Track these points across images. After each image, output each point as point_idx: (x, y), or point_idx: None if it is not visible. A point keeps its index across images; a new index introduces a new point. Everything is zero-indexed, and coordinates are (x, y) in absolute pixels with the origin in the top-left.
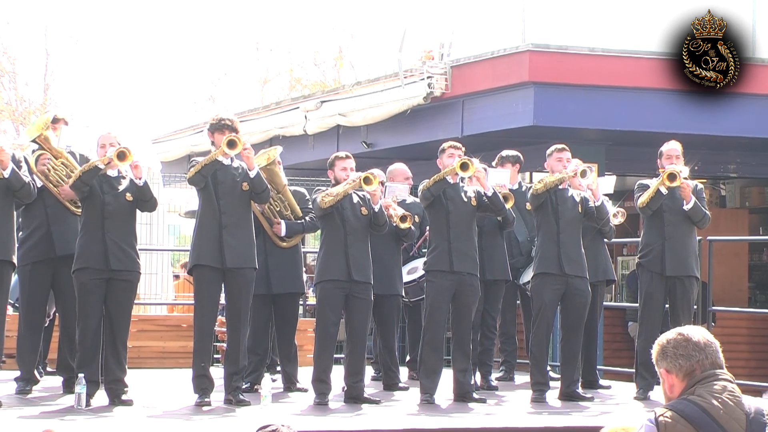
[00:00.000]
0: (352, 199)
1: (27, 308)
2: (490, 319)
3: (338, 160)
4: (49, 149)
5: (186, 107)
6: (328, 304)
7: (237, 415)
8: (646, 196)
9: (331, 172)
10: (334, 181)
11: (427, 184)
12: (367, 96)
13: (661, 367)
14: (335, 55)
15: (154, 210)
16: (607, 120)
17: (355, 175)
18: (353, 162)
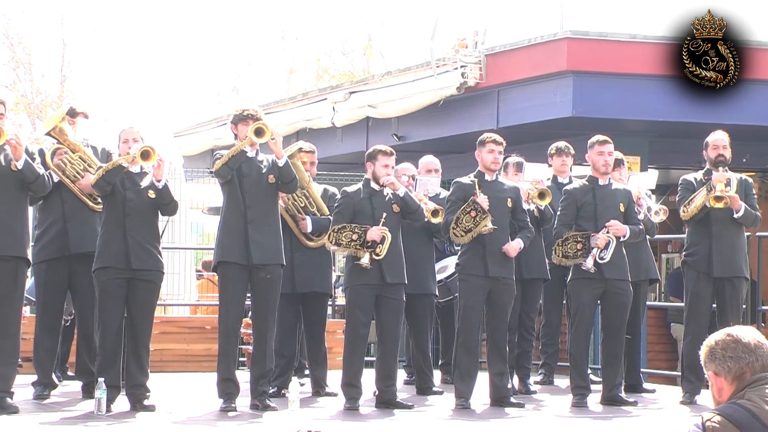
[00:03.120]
0: (383, 196)
1: (43, 309)
2: (528, 319)
3: (381, 155)
4: (65, 142)
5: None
6: (358, 304)
7: (264, 421)
8: (691, 211)
9: (370, 165)
10: (372, 176)
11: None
12: (398, 86)
13: (709, 369)
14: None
15: (174, 214)
16: (650, 110)
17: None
18: (394, 159)
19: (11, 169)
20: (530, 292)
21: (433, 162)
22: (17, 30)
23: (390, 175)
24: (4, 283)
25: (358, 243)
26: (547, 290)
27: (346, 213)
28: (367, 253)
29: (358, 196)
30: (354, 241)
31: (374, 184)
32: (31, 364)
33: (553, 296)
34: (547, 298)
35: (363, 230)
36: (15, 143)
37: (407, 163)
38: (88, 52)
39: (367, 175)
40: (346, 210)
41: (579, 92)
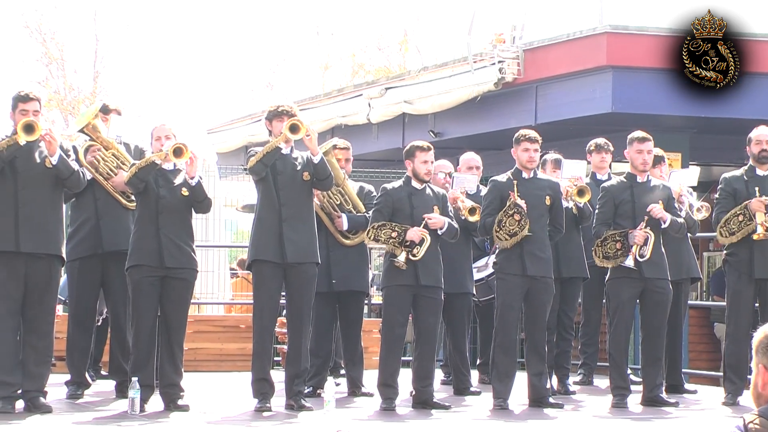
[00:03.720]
0: (424, 195)
1: (76, 307)
2: (567, 319)
3: (419, 150)
4: (98, 139)
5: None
6: (395, 304)
7: (299, 421)
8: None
9: (409, 163)
10: (412, 174)
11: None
12: (435, 82)
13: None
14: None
15: (207, 211)
16: (691, 106)
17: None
18: (433, 154)
19: (45, 166)
20: (569, 291)
21: (474, 159)
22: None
23: (431, 171)
24: (38, 281)
25: (396, 241)
26: (586, 289)
27: (385, 211)
28: (404, 252)
29: (398, 194)
30: (393, 238)
31: (415, 182)
32: (64, 363)
33: (592, 295)
34: (587, 297)
35: (403, 229)
36: (49, 138)
37: (444, 160)
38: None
39: (408, 172)
40: (385, 208)
41: (618, 87)
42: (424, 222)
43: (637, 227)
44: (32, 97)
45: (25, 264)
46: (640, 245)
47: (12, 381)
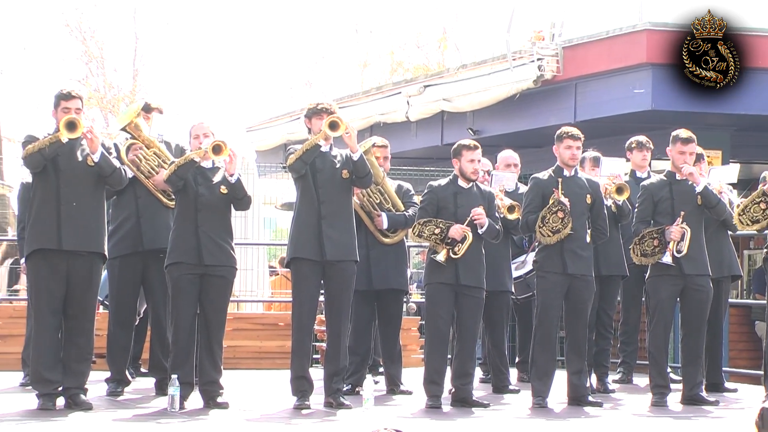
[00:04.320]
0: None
1: (116, 305)
2: (606, 317)
3: (466, 150)
4: (140, 138)
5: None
6: (438, 302)
7: (338, 419)
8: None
9: (456, 162)
10: (459, 172)
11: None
12: (474, 80)
13: None
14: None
15: (247, 209)
16: (732, 103)
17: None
18: (480, 152)
19: (87, 164)
20: (608, 289)
21: (513, 157)
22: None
23: (477, 170)
24: (79, 279)
25: (438, 237)
26: (625, 287)
27: (429, 209)
28: (445, 249)
29: (443, 192)
30: (436, 235)
31: (462, 181)
32: (104, 360)
33: (631, 293)
34: (626, 296)
35: (446, 226)
36: (91, 136)
37: (483, 157)
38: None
39: (455, 171)
40: (429, 206)
41: (658, 85)
42: (469, 219)
43: (674, 223)
44: (74, 95)
45: (66, 262)
46: (677, 241)
47: (53, 378)
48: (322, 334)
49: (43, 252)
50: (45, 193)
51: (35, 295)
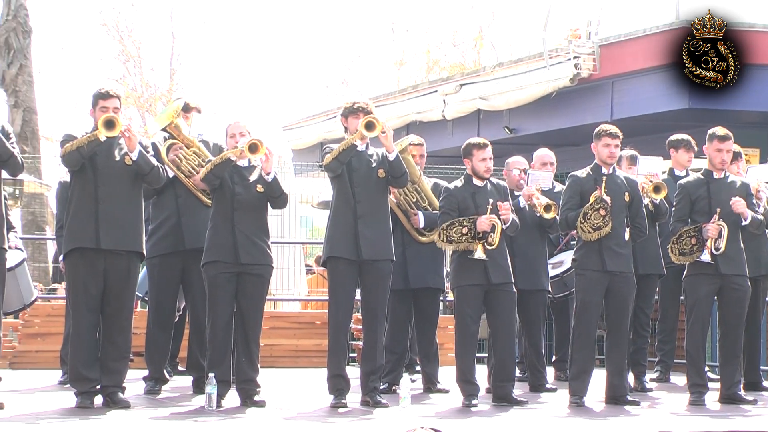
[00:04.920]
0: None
1: (156, 304)
2: (644, 316)
3: (476, 149)
4: (180, 138)
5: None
6: (466, 301)
7: (374, 417)
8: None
9: (468, 161)
10: (472, 171)
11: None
12: (510, 78)
13: None
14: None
15: (284, 207)
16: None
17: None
18: (491, 150)
19: (125, 163)
20: (645, 287)
21: (548, 155)
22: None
23: (490, 168)
24: (117, 277)
25: (469, 236)
26: (663, 286)
27: (452, 213)
28: (480, 245)
29: (461, 194)
30: (465, 235)
31: (476, 180)
32: (142, 359)
33: (669, 292)
34: (664, 294)
35: (472, 221)
36: (129, 134)
37: (519, 156)
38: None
39: (468, 171)
40: (451, 209)
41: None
42: (490, 208)
43: (711, 220)
44: (112, 95)
45: (104, 260)
46: (714, 238)
47: (91, 376)
48: (358, 333)
49: (81, 251)
50: (83, 192)
51: (73, 294)
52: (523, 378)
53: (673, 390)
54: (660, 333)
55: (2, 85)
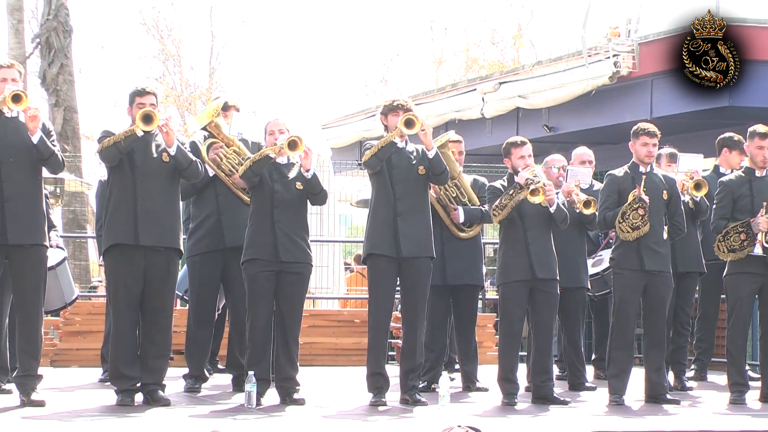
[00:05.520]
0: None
1: (196, 302)
2: (683, 314)
3: (514, 147)
4: (219, 137)
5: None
6: (512, 299)
7: (414, 416)
8: None
9: (507, 161)
10: (512, 169)
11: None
12: (549, 76)
13: None
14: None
15: (323, 203)
16: None
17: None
18: (530, 148)
19: (163, 160)
20: (685, 286)
21: (587, 153)
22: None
23: (529, 165)
24: (156, 275)
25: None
26: (703, 284)
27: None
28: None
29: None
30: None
31: (518, 179)
32: (182, 356)
33: (709, 290)
34: (704, 292)
35: (515, 188)
36: (167, 129)
37: (557, 154)
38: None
39: (509, 170)
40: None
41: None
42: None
43: (757, 215)
44: (149, 92)
45: (144, 257)
46: (765, 231)
47: (131, 374)
48: (397, 331)
49: (120, 248)
50: (121, 189)
51: (113, 292)
52: (563, 376)
53: (713, 389)
54: (698, 331)
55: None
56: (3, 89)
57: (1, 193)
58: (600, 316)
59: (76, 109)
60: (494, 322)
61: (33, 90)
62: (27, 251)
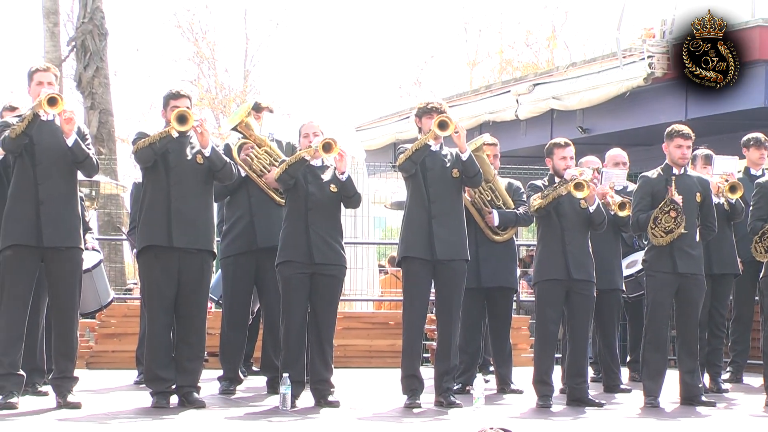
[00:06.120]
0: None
1: (230, 304)
2: (719, 316)
3: (557, 147)
4: (250, 137)
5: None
6: (548, 300)
7: (448, 418)
8: None
9: (549, 161)
10: (553, 170)
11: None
12: (583, 78)
13: None
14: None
15: (357, 206)
16: None
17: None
18: (573, 150)
19: (197, 161)
20: (720, 288)
21: (621, 155)
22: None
23: (570, 167)
24: (190, 277)
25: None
26: (738, 286)
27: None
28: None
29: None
30: (557, 190)
31: (558, 180)
32: (216, 359)
33: (744, 292)
34: (739, 294)
35: (555, 185)
36: (201, 129)
37: (592, 156)
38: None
39: (550, 170)
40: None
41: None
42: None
43: None
44: (183, 94)
45: (178, 259)
46: None
47: (167, 376)
48: (432, 333)
49: (154, 249)
50: (155, 191)
51: (147, 294)
52: (598, 378)
53: (749, 391)
54: (734, 333)
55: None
56: (39, 92)
57: (37, 195)
58: (635, 318)
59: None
60: (529, 324)
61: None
62: (62, 254)
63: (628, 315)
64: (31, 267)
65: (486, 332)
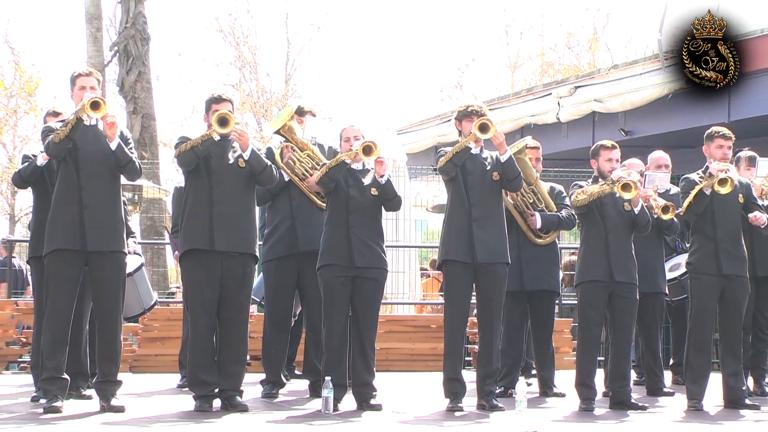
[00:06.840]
0: (614, 194)
1: (273, 307)
2: (763, 319)
3: (603, 149)
4: (293, 141)
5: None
6: (591, 303)
7: (490, 421)
8: None
9: (594, 162)
10: (597, 172)
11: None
12: (625, 80)
13: None
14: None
15: (398, 209)
16: None
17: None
18: (618, 152)
19: (239, 166)
20: (764, 290)
21: (663, 158)
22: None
23: (616, 168)
24: (232, 280)
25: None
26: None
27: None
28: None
29: None
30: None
31: (601, 182)
32: (259, 362)
33: None
34: None
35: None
36: (240, 130)
37: (634, 158)
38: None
39: (594, 172)
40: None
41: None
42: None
43: None
44: (225, 98)
45: (220, 263)
46: None
47: (209, 380)
48: (474, 336)
49: (196, 253)
50: (197, 194)
51: (190, 298)
52: (641, 382)
53: None
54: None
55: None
56: (82, 97)
57: (80, 200)
58: (678, 321)
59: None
60: (571, 327)
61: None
62: (106, 258)
63: (671, 318)
64: (75, 271)
65: (528, 335)
